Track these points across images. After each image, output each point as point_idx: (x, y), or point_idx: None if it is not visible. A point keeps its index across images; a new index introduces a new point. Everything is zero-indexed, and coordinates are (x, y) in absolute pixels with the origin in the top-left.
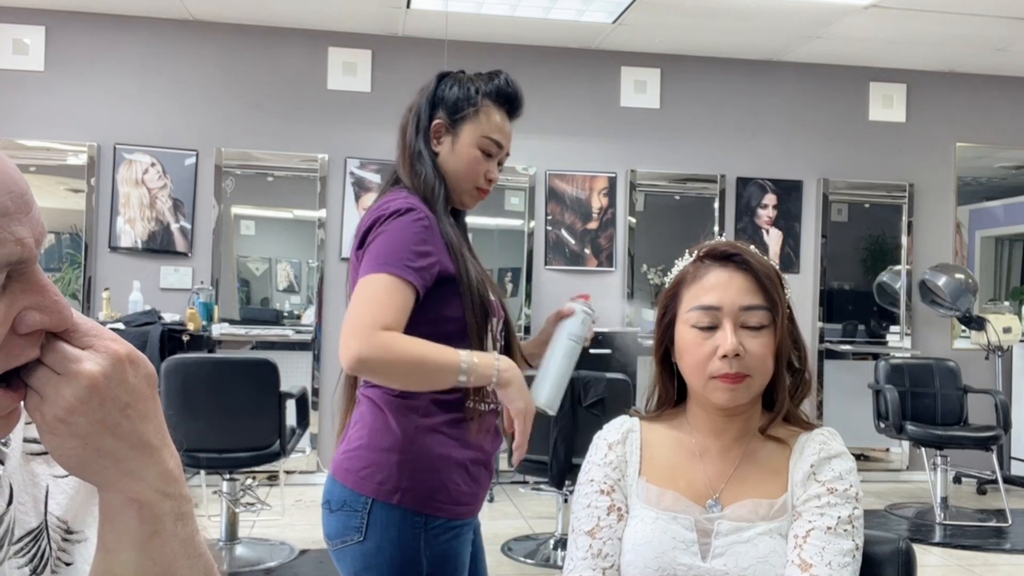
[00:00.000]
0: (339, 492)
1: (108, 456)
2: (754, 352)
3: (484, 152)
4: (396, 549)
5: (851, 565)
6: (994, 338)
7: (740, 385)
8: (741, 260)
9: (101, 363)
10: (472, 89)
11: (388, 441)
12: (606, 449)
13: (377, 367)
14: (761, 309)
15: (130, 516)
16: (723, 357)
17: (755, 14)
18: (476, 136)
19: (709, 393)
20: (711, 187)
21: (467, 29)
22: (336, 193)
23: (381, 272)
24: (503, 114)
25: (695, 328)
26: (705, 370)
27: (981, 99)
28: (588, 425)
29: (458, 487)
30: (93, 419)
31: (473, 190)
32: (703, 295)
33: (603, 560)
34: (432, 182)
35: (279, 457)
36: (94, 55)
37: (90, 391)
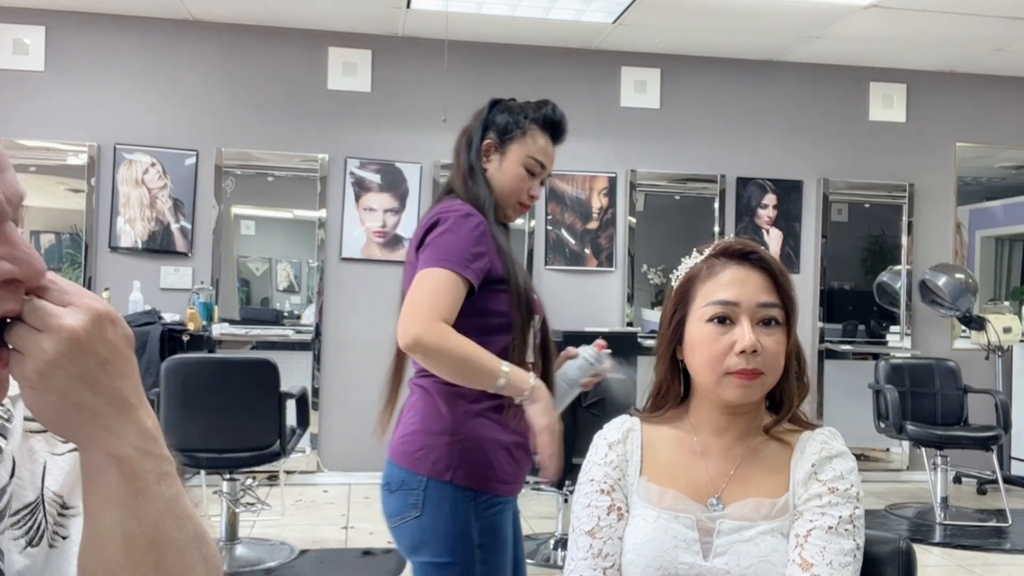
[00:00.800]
0: (397, 473)
1: (86, 411)
2: (770, 349)
3: (528, 171)
4: (449, 522)
5: (852, 565)
6: (994, 338)
7: (755, 382)
8: (758, 258)
9: (81, 318)
10: (520, 115)
11: (439, 425)
12: (606, 448)
13: (430, 351)
14: (777, 307)
15: (111, 474)
16: (740, 352)
17: (755, 14)
18: (522, 156)
19: (722, 390)
20: (711, 187)
21: (467, 29)
22: (336, 193)
23: (442, 267)
24: (547, 139)
25: (711, 323)
26: (721, 365)
27: (981, 99)
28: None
29: (502, 467)
30: (72, 373)
31: (516, 204)
32: (719, 291)
33: (603, 560)
34: (483, 194)
35: (279, 457)
36: (94, 55)
37: (70, 344)
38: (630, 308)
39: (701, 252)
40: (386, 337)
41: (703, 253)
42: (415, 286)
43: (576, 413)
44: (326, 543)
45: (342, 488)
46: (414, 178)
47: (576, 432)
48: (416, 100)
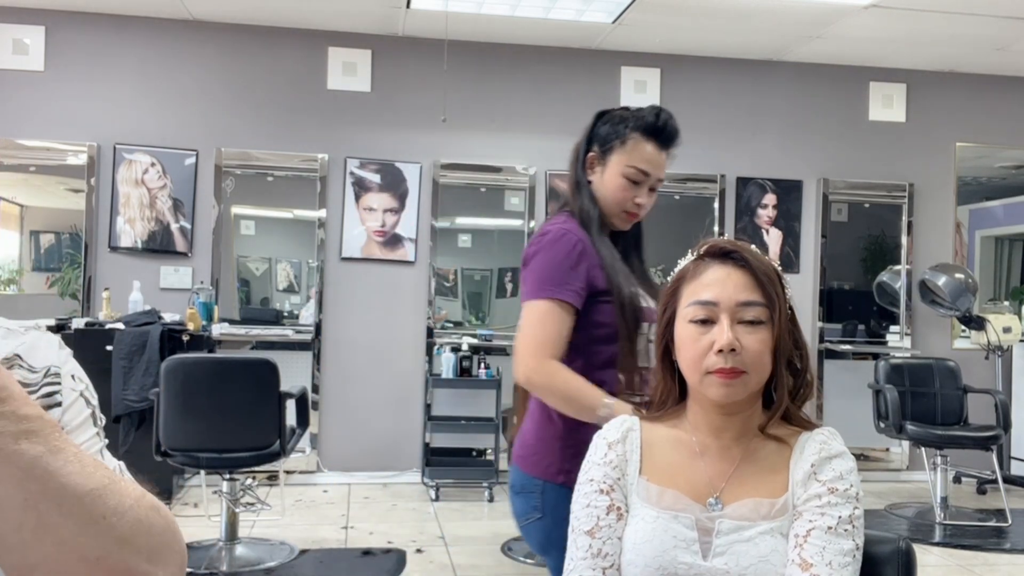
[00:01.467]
0: (519, 477)
1: None
2: (750, 348)
3: (630, 180)
4: (567, 524)
5: (851, 565)
6: (994, 338)
7: (736, 381)
8: (739, 257)
9: None
10: (621, 124)
11: (551, 431)
12: (606, 448)
13: (539, 389)
14: (758, 305)
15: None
16: (719, 351)
17: (755, 14)
18: (622, 166)
19: (705, 389)
20: (711, 187)
21: (467, 29)
22: (336, 193)
23: (542, 298)
24: (654, 145)
25: (692, 323)
26: (701, 365)
27: (981, 99)
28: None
29: None
30: None
31: (621, 213)
32: (701, 291)
33: (603, 560)
34: (587, 207)
35: (279, 457)
36: (94, 55)
37: None
38: None
39: (693, 252)
40: (386, 337)
41: (694, 253)
42: (523, 320)
43: None
44: (326, 543)
45: (342, 488)
46: (414, 178)
47: None
48: (416, 100)
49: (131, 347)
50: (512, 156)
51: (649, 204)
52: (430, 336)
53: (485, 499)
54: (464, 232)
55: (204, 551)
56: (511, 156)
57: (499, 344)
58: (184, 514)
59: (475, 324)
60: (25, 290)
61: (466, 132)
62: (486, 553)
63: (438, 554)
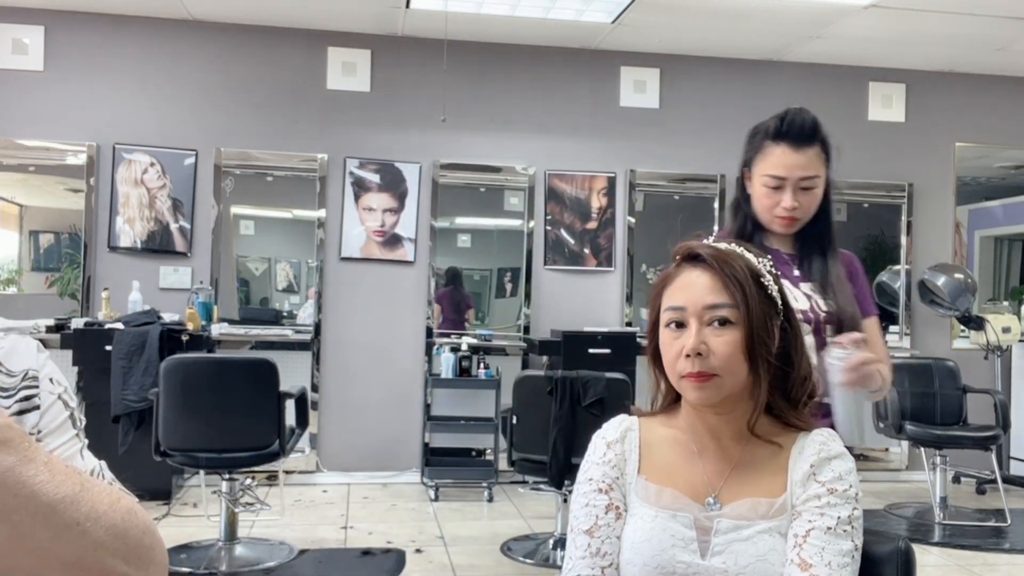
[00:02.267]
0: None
1: None
2: (718, 350)
3: (769, 187)
4: None
5: (850, 565)
6: (993, 338)
7: (707, 384)
8: (705, 259)
9: None
10: (756, 136)
11: None
12: (604, 448)
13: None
14: (725, 307)
15: None
16: (687, 356)
17: (755, 14)
18: (759, 176)
19: (683, 392)
20: (711, 187)
21: (467, 29)
22: (336, 193)
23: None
24: (784, 147)
25: (668, 328)
26: (675, 369)
27: (981, 99)
28: (587, 425)
29: None
30: None
31: (775, 220)
32: (673, 296)
33: (601, 559)
34: (738, 227)
35: (278, 457)
36: (93, 55)
37: None
38: (629, 308)
39: (673, 255)
40: (385, 337)
41: (674, 256)
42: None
43: (575, 413)
44: (325, 543)
45: (341, 488)
46: (413, 178)
47: (576, 432)
48: (415, 100)
49: (130, 347)
50: (512, 156)
51: (808, 204)
52: (430, 336)
53: (484, 499)
54: (464, 232)
55: (203, 551)
56: (511, 156)
57: (498, 344)
58: (183, 514)
59: (475, 324)
60: (24, 290)
61: (466, 132)
62: (485, 553)
63: (437, 554)
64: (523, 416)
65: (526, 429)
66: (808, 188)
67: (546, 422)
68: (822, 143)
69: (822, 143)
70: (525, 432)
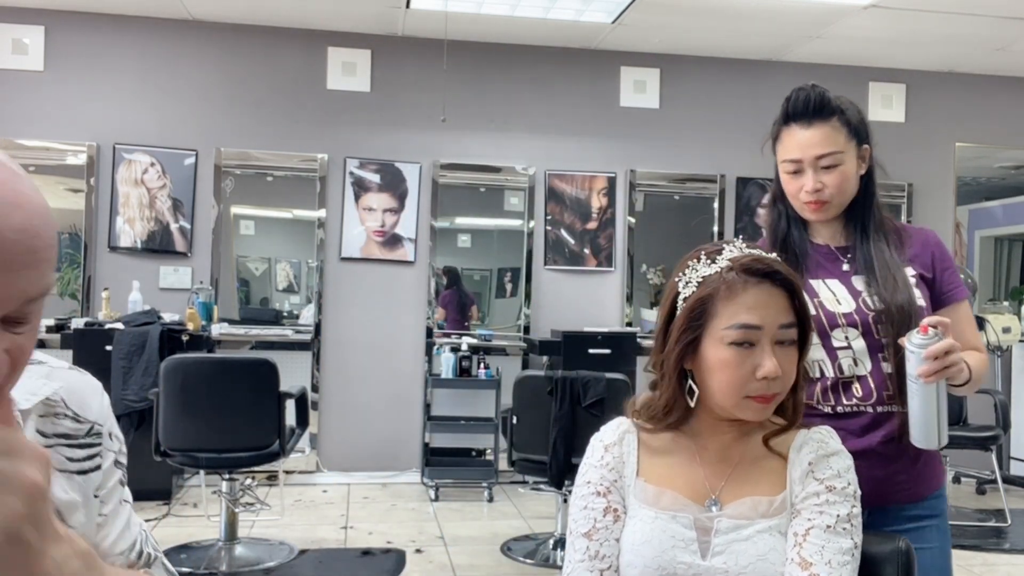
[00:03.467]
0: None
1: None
2: (788, 371)
3: (789, 173)
4: None
5: (850, 563)
6: (993, 338)
7: (772, 403)
8: (782, 278)
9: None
10: (774, 124)
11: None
12: (602, 451)
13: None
14: (792, 327)
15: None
16: (763, 378)
17: (755, 14)
18: (779, 163)
19: (739, 411)
20: (711, 187)
21: (467, 29)
22: (336, 193)
23: None
24: (796, 127)
25: (732, 347)
26: (742, 390)
27: (981, 99)
28: (587, 425)
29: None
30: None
31: (803, 206)
32: (743, 314)
33: (600, 561)
34: (771, 220)
35: (278, 457)
36: (93, 55)
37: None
38: (629, 308)
39: (712, 259)
40: (385, 337)
41: (715, 261)
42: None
43: (575, 413)
44: (325, 543)
45: (341, 488)
46: (413, 178)
47: (576, 432)
48: (415, 100)
49: (130, 347)
50: (512, 156)
51: (835, 183)
52: (430, 336)
53: (484, 499)
54: (464, 232)
55: (203, 551)
56: (511, 156)
57: (498, 344)
58: (183, 514)
59: (475, 324)
60: None
61: (465, 132)
62: (485, 553)
63: (437, 554)
64: (523, 416)
65: (526, 429)
66: (830, 166)
67: (546, 422)
68: (840, 114)
69: (840, 114)
70: (525, 432)
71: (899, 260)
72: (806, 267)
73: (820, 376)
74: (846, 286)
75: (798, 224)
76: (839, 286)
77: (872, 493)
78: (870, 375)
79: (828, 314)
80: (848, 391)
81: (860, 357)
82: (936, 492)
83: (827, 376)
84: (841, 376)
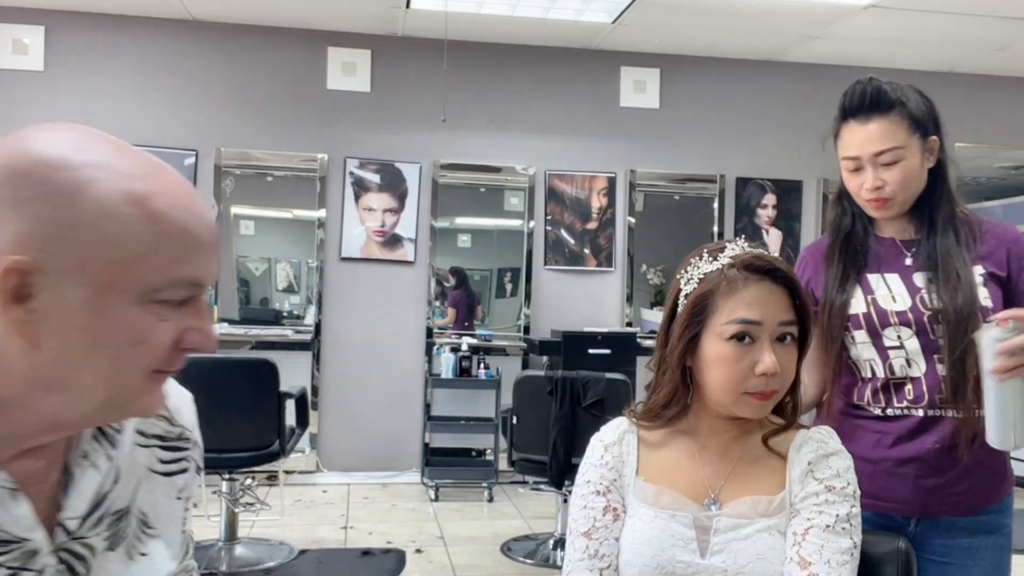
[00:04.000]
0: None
1: None
2: (787, 368)
3: (849, 171)
4: None
5: (849, 563)
6: None
7: (771, 400)
8: (783, 276)
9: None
10: (834, 122)
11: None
12: (602, 450)
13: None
14: (792, 324)
15: None
16: (762, 375)
17: (755, 14)
18: (841, 162)
19: (738, 407)
20: (711, 187)
21: (467, 29)
22: (336, 193)
23: None
24: (854, 124)
25: (731, 342)
26: (741, 386)
27: (981, 99)
28: (587, 425)
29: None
30: None
31: (865, 203)
32: (742, 309)
33: (600, 560)
34: (834, 217)
35: (278, 457)
36: (94, 55)
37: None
38: (629, 308)
39: (714, 257)
40: (385, 337)
41: (716, 259)
42: None
43: (575, 413)
44: (325, 543)
45: (341, 488)
46: (413, 178)
47: (576, 432)
48: (415, 100)
49: None
50: (512, 156)
51: (897, 179)
52: (430, 336)
53: (484, 499)
54: (464, 232)
55: (203, 551)
56: (511, 156)
57: (498, 344)
58: None
59: (477, 323)
60: None
61: (466, 132)
62: (485, 553)
63: (437, 554)
64: (523, 416)
65: (526, 429)
66: (891, 163)
67: (546, 422)
68: (900, 107)
69: (900, 107)
70: (525, 432)
71: (968, 257)
72: (866, 262)
73: (871, 376)
74: (905, 282)
75: (863, 219)
76: (898, 282)
77: (919, 503)
78: (924, 377)
79: (880, 312)
80: (900, 393)
81: (913, 357)
82: (997, 505)
83: (878, 377)
84: (892, 377)
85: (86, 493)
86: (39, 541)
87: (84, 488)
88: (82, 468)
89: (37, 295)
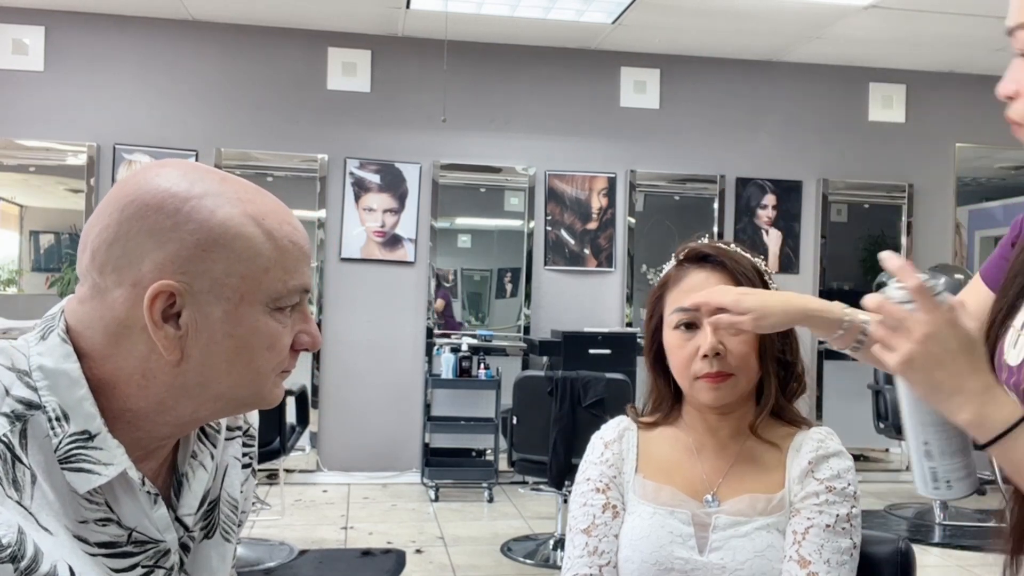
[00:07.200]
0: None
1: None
2: (735, 350)
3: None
4: None
5: (849, 563)
6: None
7: (724, 384)
8: (717, 260)
9: None
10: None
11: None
12: (602, 448)
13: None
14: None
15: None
16: (704, 357)
17: (755, 14)
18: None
19: (696, 393)
20: (711, 187)
21: (467, 29)
22: (336, 193)
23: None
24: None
25: (678, 330)
26: (689, 370)
27: (981, 99)
28: (587, 425)
29: None
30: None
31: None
32: (683, 297)
33: (599, 557)
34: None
35: (279, 456)
36: (93, 55)
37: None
38: (629, 308)
39: (675, 256)
40: (385, 337)
41: (677, 258)
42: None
43: (575, 413)
44: (325, 543)
45: (341, 488)
46: (413, 178)
47: (576, 433)
48: (416, 100)
49: None
50: (512, 156)
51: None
52: (430, 336)
53: (484, 499)
54: (464, 232)
55: None
56: (511, 156)
57: (498, 344)
58: None
59: (475, 324)
60: (25, 290)
61: (466, 132)
62: (485, 553)
63: (437, 554)
64: (523, 416)
65: (526, 429)
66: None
67: (546, 422)
68: None
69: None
70: (525, 432)
71: None
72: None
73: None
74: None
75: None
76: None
77: None
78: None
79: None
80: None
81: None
82: None
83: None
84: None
85: (197, 491)
86: (172, 540)
87: (196, 487)
88: (192, 468)
89: (183, 313)
